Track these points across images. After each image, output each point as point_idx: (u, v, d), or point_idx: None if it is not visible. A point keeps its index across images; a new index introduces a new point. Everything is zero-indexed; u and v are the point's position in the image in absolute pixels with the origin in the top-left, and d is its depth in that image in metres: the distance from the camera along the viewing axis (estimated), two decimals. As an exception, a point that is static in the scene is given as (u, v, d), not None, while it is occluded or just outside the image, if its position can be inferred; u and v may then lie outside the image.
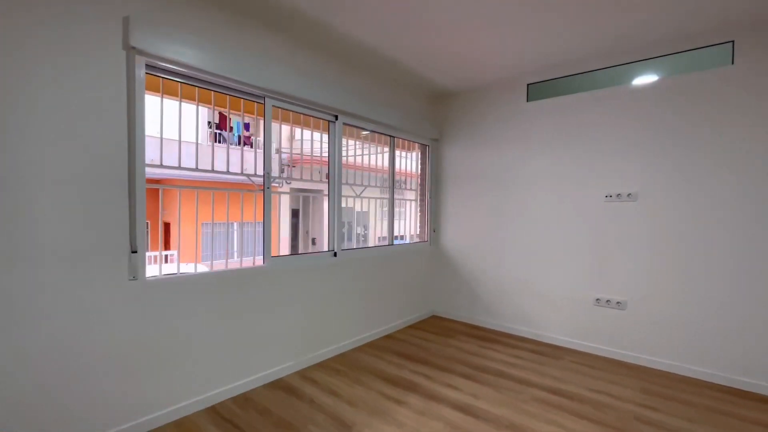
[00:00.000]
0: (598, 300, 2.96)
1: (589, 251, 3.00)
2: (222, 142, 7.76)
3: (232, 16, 2.23)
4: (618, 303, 2.86)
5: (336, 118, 2.92)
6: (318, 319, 2.79)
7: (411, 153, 3.99)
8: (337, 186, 2.98)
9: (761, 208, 2.35)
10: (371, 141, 3.43)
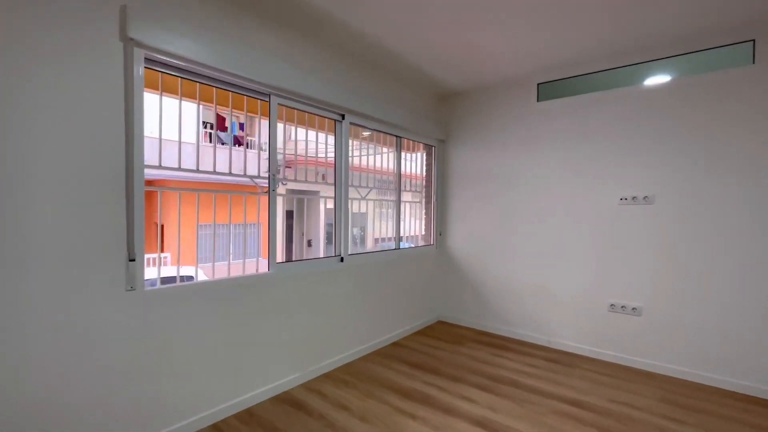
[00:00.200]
0: (612, 306, 2.87)
1: (603, 255, 2.91)
2: (216, 142, 7.59)
3: (236, 9, 2.10)
4: (633, 309, 2.78)
5: (343, 117, 2.80)
6: (324, 328, 2.67)
7: (414, 154, 3.87)
8: (344, 188, 2.86)
9: (784, 211, 2.28)
10: (375, 142, 3.31)
